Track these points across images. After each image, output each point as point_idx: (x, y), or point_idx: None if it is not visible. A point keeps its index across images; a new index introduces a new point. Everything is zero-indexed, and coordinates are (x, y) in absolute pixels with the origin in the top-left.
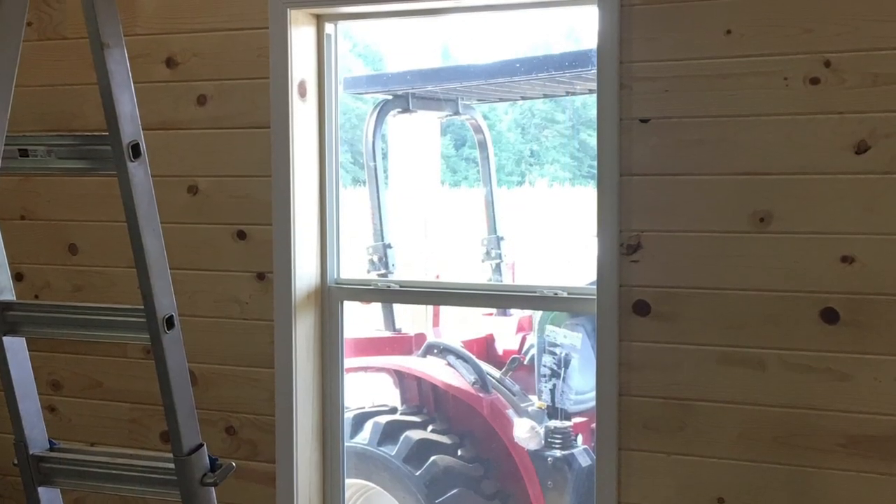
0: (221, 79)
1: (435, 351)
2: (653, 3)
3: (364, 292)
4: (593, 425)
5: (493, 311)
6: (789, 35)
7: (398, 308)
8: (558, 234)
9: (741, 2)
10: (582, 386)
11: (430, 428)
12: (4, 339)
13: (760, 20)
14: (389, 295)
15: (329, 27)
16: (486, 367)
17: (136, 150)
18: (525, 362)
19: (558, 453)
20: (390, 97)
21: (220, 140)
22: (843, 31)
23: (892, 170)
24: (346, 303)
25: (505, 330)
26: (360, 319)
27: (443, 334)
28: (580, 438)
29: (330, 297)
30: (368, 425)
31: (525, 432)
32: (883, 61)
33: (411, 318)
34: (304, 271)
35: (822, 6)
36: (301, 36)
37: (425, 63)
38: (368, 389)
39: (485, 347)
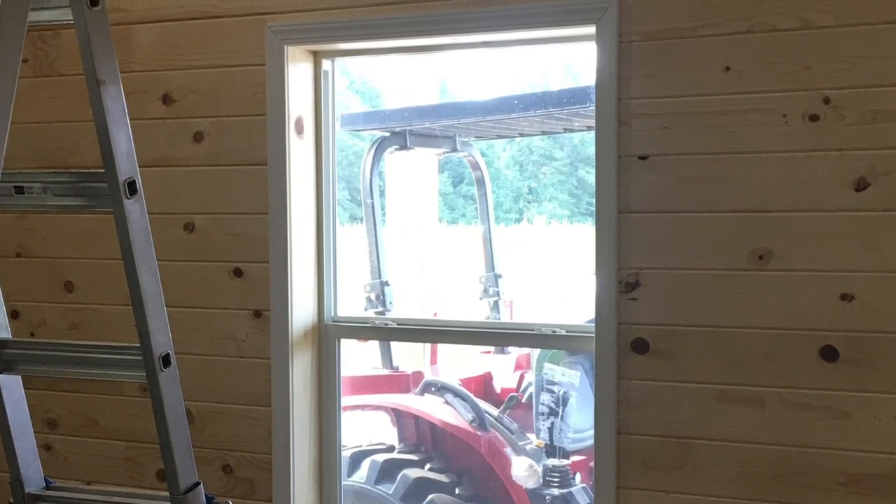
0: (218, 116)
1: (433, 389)
2: (651, 39)
3: (361, 330)
4: (592, 464)
5: (491, 349)
6: (788, 72)
7: (396, 346)
8: (556, 271)
9: (740, 38)
10: (580, 424)
11: (427, 466)
12: (0, 377)
13: (759, 57)
14: (387, 333)
15: (326, 64)
16: (484, 406)
17: (132, 187)
18: (523, 400)
19: (556, 492)
20: (388, 134)
21: (216, 177)
22: (843, 68)
23: (892, 207)
24: (343, 341)
25: (503, 368)
26: (357, 357)
27: (440, 372)
28: (578, 477)
29: (327, 335)
30: (366, 464)
31: (523, 471)
32: (882, 98)
33: (409, 356)
34: (301, 309)
35: (821, 43)
36: (298, 73)
37: (423, 100)
38: (366, 428)
39: (483, 385)
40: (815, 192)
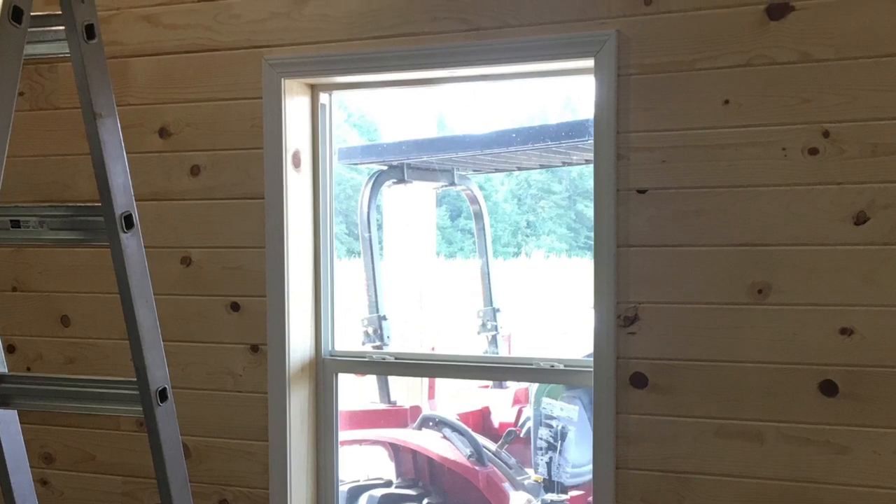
0: (215, 149)
1: (430, 424)
2: (650, 72)
3: (358, 364)
4: (590, 499)
5: (490, 383)
6: (787, 105)
7: (393, 380)
8: (555, 305)
9: (739, 72)
10: (579, 459)
11: (425, 501)
12: None
13: (758, 90)
14: (384, 367)
15: (323, 97)
16: (482, 440)
17: (128, 220)
18: (521, 435)
19: None
20: (385, 168)
21: (213, 211)
22: (842, 101)
23: (892, 241)
24: (340, 375)
25: (501, 402)
26: (355, 392)
27: (438, 407)
28: None
29: (324, 370)
30: (363, 499)
31: None
32: (882, 131)
33: (406, 390)
34: (299, 343)
35: (821, 76)
36: (295, 106)
37: (421, 133)
38: (363, 462)
39: (481, 420)
40: (815, 225)
